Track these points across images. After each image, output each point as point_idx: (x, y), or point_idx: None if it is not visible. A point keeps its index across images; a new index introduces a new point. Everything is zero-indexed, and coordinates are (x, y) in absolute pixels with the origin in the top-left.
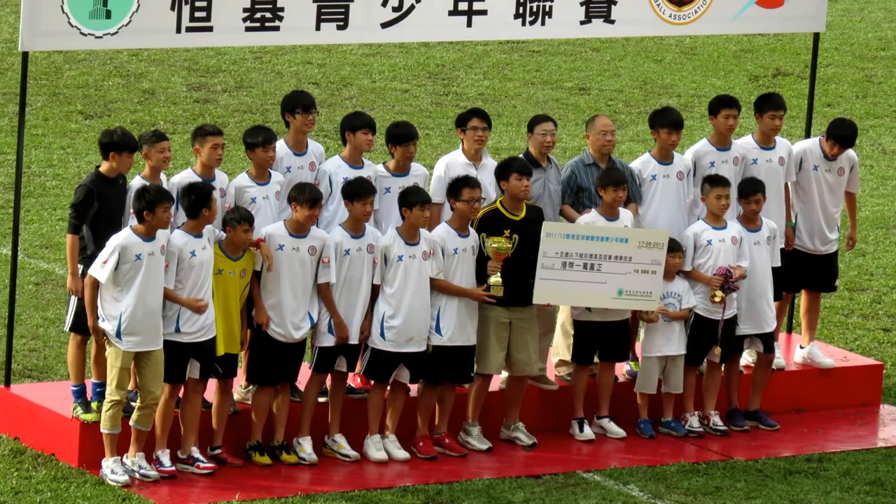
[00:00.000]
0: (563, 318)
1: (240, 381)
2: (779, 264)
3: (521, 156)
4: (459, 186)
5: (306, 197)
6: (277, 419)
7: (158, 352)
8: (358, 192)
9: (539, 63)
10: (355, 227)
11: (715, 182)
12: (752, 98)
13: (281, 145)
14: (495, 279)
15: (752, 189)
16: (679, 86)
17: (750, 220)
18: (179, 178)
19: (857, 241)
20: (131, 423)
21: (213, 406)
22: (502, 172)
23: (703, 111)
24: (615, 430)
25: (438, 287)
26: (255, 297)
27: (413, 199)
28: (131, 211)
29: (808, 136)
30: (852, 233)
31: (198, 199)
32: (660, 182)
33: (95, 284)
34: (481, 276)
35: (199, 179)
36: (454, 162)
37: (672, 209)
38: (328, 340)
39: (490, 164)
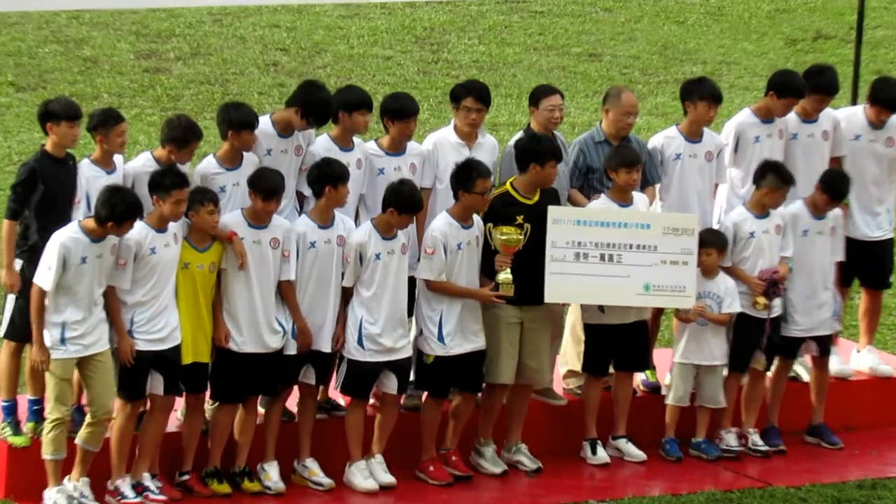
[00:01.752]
0: (572, 320)
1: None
2: (842, 258)
3: (522, 133)
4: (472, 176)
5: (261, 187)
6: (240, 441)
7: (105, 354)
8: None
9: (542, 25)
10: (323, 216)
11: (784, 178)
12: (789, 66)
13: (265, 122)
14: (505, 276)
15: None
16: (704, 51)
17: (818, 206)
18: (139, 164)
19: None
20: (78, 440)
21: (183, 424)
22: (535, 157)
23: (732, 80)
24: (634, 452)
25: (440, 289)
26: (215, 304)
27: (398, 202)
28: (76, 200)
29: (853, 103)
30: None
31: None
32: (685, 162)
33: (42, 295)
34: (487, 269)
35: (158, 166)
36: (444, 141)
37: (696, 194)
38: (291, 348)
39: (488, 142)
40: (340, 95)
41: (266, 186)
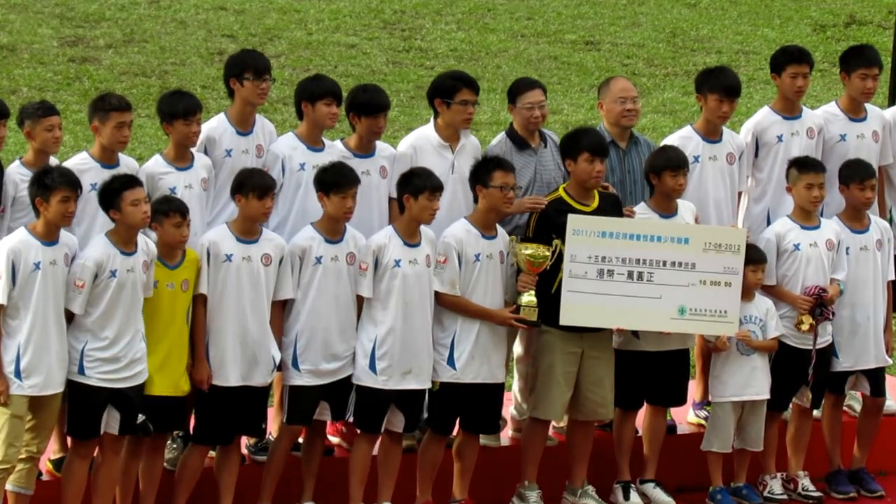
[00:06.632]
0: (519, 352)
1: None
2: (894, 277)
3: (504, 134)
4: (490, 168)
5: (254, 183)
6: (223, 488)
7: (59, 396)
8: (338, 181)
9: (531, 8)
10: (332, 229)
11: (804, 167)
12: (817, 56)
13: (220, 120)
14: (528, 298)
15: (863, 173)
16: (719, 39)
17: (856, 218)
18: (73, 164)
19: None
20: (8, 485)
21: (143, 470)
22: (569, 150)
23: (751, 73)
24: (663, 499)
25: (452, 305)
26: (196, 337)
27: (420, 183)
28: (5, 205)
29: (891, 102)
30: None
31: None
32: (704, 165)
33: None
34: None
35: (97, 165)
36: (425, 143)
37: (716, 203)
38: (299, 378)
39: (471, 143)
40: (303, 84)
41: (260, 183)
